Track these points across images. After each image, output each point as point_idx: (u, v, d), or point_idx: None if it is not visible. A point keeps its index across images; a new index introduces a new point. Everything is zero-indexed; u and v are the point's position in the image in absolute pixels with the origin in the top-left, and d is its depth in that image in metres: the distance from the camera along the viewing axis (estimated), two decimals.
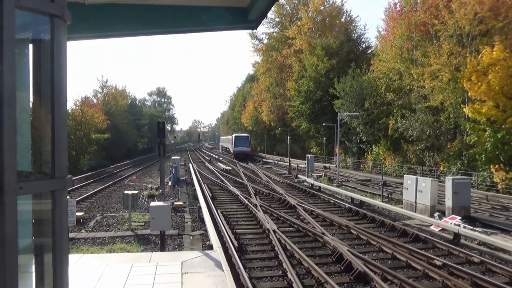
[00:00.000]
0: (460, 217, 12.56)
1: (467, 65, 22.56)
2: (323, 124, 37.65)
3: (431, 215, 13.49)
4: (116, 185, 24.91)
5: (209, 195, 17.75)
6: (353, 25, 46.14)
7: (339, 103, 35.63)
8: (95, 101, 51.41)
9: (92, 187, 23.43)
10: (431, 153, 27.73)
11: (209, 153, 67.81)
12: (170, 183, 23.02)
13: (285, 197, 17.39)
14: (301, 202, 16.12)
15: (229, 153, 60.66)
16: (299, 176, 27.23)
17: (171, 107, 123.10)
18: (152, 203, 9.51)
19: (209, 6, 5.13)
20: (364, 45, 44.71)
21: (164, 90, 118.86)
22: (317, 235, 10.78)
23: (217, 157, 54.77)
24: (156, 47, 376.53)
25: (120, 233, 11.69)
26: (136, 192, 13.52)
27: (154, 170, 37.22)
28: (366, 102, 32.93)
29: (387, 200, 17.56)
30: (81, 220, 13.34)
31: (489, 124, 21.73)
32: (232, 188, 20.64)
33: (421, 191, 14.36)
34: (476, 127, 22.50)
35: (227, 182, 23.52)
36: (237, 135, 56.79)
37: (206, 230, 11.01)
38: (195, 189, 19.25)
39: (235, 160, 46.64)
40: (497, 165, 21.30)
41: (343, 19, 46.77)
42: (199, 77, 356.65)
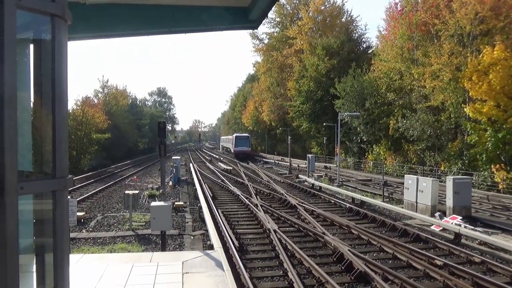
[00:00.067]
0: (461, 217, 12.55)
1: (468, 65, 22.52)
2: (324, 124, 37.59)
3: (432, 215, 13.47)
4: (116, 185, 24.93)
5: (209, 195, 17.76)
6: (354, 25, 46.18)
7: (339, 103, 35.59)
8: (96, 101, 51.44)
9: (93, 187, 23.45)
10: (432, 153, 27.70)
11: (210, 153, 67.80)
12: (170, 183, 23.03)
13: (285, 197, 17.38)
14: (301, 202, 16.12)
15: (229, 153, 60.67)
16: (299, 176, 27.22)
17: (172, 107, 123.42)
18: (153, 203, 9.52)
19: (210, 6, 5.13)
20: (364, 45, 44.71)
21: (164, 90, 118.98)
22: (318, 235, 10.77)
23: (217, 157, 54.79)
24: (156, 47, 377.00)
25: (121, 233, 11.70)
26: (137, 192, 13.52)
27: (154, 170, 37.24)
28: (366, 102, 32.89)
29: (388, 200, 17.54)
30: (82, 220, 13.36)
31: (490, 124, 21.70)
32: (232, 188, 20.64)
33: (422, 191, 14.35)
34: (477, 127, 22.46)
35: (227, 182, 23.52)
36: (237, 135, 56.81)
37: (207, 230, 11.01)
38: (196, 189, 19.25)
39: (235, 160, 46.65)
40: (498, 165, 21.28)
41: (343, 19, 46.77)
42: (199, 77, 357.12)
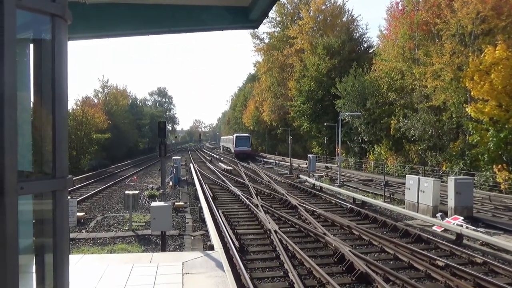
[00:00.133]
0: (462, 218, 12.51)
1: (469, 65, 22.47)
2: (325, 124, 37.54)
3: (434, 216, 13.44)
4: (116, 185, 24.93)
5: (210, 195, 17.75)
6: (355, 24, 46.11)
7: (340, 102, 35.55)
8: (96, 101, 51.49)
9: (93, 187, 23.45)
10: (434, 153, 27.64)
11: (210, 153, 67.82)
12: (171, 183, 23.02)
13: (286, 197, 17.37)
14: (302, 203, 16.10)
15: (230, 153, 60.69)
16: (300, 176, 27.19)
17: (172, 107, 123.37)
18: (153, 203, 9.52)
19: (210, 5, 5.12)
20: (365, 45, 44.66)
21: (165, 90, 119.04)
22: (318, 235, 10.75)
23: (218, 157, 54.81)
24: (156, 47, 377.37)
25: (121, 233, 11.69)
26: (137, 192, 13.51)
27: (155, 170, 37.23)
28: (368, 101, 32.84)
29: (389, 200, 17.51)
30: (82, 220, 13.34)
31: (491, 124, 21.63)
32: (233, 188, 20.62)
33: (423, 191, 14.32)
34: (478, 127, 22.40)
35: (228, 182, 23.51)
36: (238, 135, 56.82)
37: (207, 231, 11.00)
38: (196, 189, 19.24)
39: (236, 160, 46.65)
40: (499, 165, 21.20)
41: (344, 19, 46.70)
42: (200, 77, 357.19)
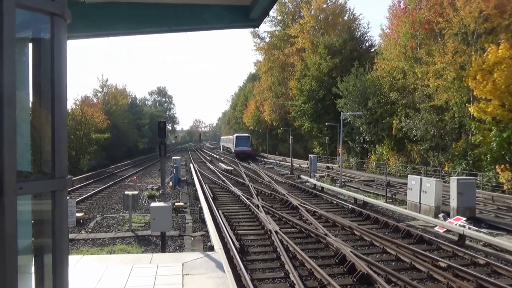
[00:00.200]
0: (465, 218, 12.45)
1: (472, 64, 22.36)
2: (326, 123, 37.49)
3: (436, 216, 13.39)
4: (116, 185, 24.91)
5: (210, 196, 17.73)
6: (356, 23, 45.88)
7: (342, 102, 35.45)
8: (95, 101, 51.45)
9: (92, 187, 23.42)
10: (436, 153, 27.54)
11: (210, 153, 67.84)
12: (171, 183, 22.99)
13: (287, 197, 17.34)
14: (303, 203, 16.07)
15: (230, 153, 60.69)
16: (301, 176, 27.15)
17: (172, 106, 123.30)
18: (153, 204, 9.49)
19: (211, 4, 5.11)
20: (367, 44, 44.47)
21: (164, 89, 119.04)
22: (320, 236, 10.72)
23: (218, 157, 54.81)
24: (157, 46, 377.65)
25: (121, 234, 11.66)
26: (136, 192, 13.44)
27: (154, 170, 37.23)
28: (369, 101, 32.74)
29: (390, 200, 17.46)
30: (81, 220, 13.32)
31: (494, 124, 21.54)
32: (233, 188, 20.61)
33: (426, 192, 14.26)
34: (481, 127, 22.30)
35: (228, 182, 23.49)
36: (238, 135, 56.81)
37: (207, 231, 10.98)
38: (196, 190, 19.21)
39: (236, 160, 46.64)
40: (502, 165, 21.08)
41: (346, 17, 46.51)
42: (200, 76, 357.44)
